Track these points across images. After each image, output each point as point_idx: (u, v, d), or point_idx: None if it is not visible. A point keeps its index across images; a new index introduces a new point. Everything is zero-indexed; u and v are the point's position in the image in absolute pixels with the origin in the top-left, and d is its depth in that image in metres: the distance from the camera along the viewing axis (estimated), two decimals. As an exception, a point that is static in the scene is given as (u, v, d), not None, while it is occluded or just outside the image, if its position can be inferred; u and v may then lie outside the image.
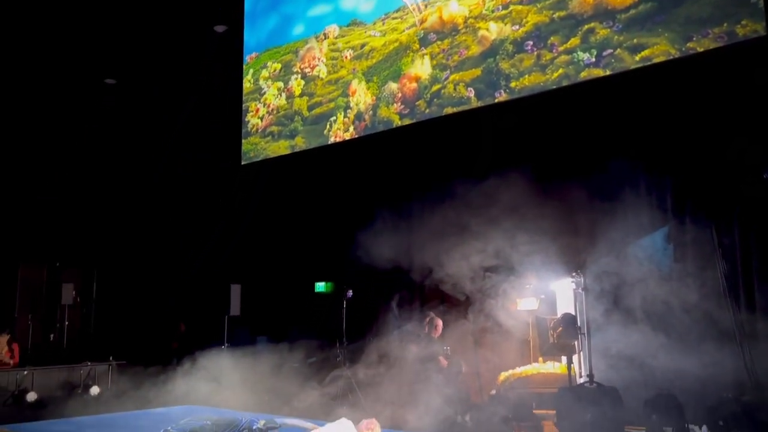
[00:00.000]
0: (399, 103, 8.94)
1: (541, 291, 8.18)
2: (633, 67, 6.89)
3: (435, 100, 8.55)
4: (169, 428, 5.21)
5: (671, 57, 6.61)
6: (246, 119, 11.21)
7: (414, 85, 8.83)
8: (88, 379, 8.80)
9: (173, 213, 12.34)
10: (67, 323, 11.67)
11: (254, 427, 5.74)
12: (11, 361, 8.94)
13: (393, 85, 9.09)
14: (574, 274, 7.73)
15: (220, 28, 11.58)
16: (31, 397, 8.00)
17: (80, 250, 12.20)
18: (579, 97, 8.17)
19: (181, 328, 12.16)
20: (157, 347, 11.48)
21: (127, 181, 12.45)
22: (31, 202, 12.28)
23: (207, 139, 12.41)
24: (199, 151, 12.71)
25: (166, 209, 12.36)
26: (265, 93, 10.93)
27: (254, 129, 11.03)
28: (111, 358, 9.55)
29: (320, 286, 11.45)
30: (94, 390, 8.63)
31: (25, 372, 8.42)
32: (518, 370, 8.06)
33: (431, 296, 9.89)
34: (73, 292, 11.64)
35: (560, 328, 7.15)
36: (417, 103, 8.74)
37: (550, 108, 8.46)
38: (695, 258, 7.44)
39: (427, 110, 8.61)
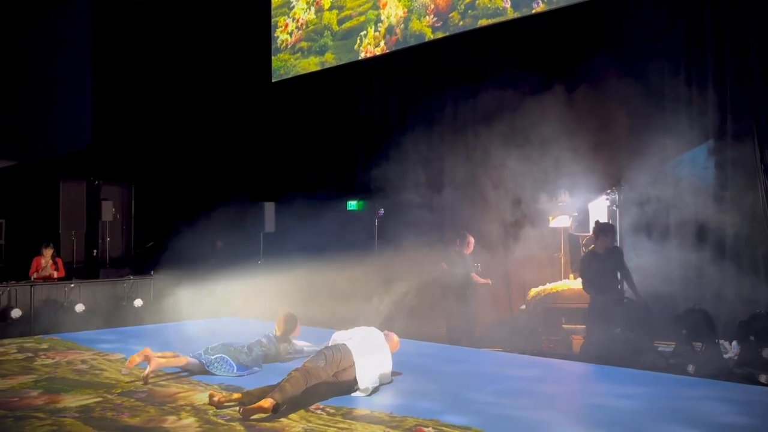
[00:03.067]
0: (432, 16, 8.64)
1: (574, 209, 8.10)
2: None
3: (469, 11, 8.24)
4: (200, 353, 5.46)
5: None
6: (275, 35, 11.00)
7: (447, -5, 8.50)
8: (131, 292, 9.15)
9: (208, 131, 12.39)
10: (108, 239, 12.06)
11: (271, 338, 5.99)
12: (56, 273, 9.35)
13: (425, -4, 8.76)
14: (608, 191, 7.61)
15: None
16: (79, 308, 8.39)
17: (118, 167, 12.42)
18: (618, 5, 7.80)
19: (218, 245, 12.47)
20: (194, 262, 11.85)
21: (162, 98, 12.45)
22: (69, 118, 12.45)
23: (238, 56, 12.25)
24: (230, 68, 12.58)
25: (201, 127, 12.40)
26: (293, 7, 10.65)
27: (283, 45, 10.84)
28: (152, 273, 9.88)
29: (352, 205, 11.52)
30: (137, 302, 9.00)
31: (72, 285, 8.80)
32: (548, 285, 8.12)
33: (464, 212, 9.90)
34: (113, 209, 11.95)
35: (592, 245, 7.11)
36: (450, 15, 8.43)
37: (588, 17, 8.10)
38: (736, 176, 7.24)
39: (461, 23, 8.31)
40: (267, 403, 4.02)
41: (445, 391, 4.82)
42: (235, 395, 4.35)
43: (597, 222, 7.04)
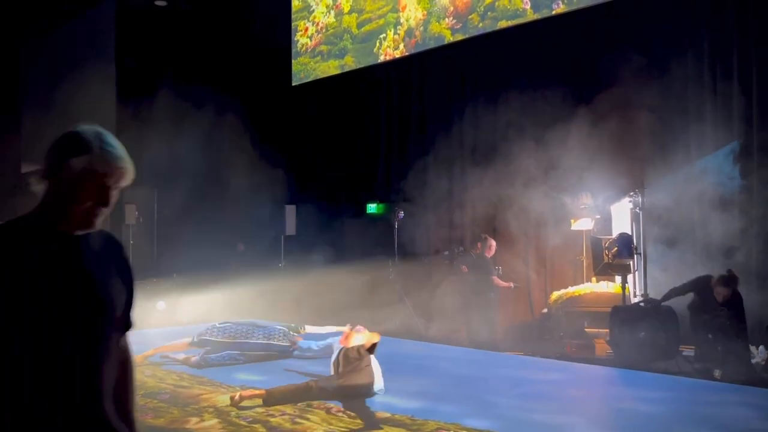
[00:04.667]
0: (451, 18, 8.63)
1: (597, 211, 8.02)
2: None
3: (489, 13, 8.21)
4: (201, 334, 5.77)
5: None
6: (295, 39, 11.07)
7: (467, -3, 8.47)
8: (153, 295, 9.25)
9: (229, 135, 12.49)
10: (132, 242, 12.20)
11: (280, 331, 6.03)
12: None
13: (445, -1, 8.75)
14: (631, 193, 7.53)
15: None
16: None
17: (141, 170, 12.58)
18: (639, 5, 7.72)
19: (240, 248, 12.56)
20: (216, 265, 11.94)
21: (183, 102, 12.58)
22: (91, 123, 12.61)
23: (259, 60, 12.33)
24: (252, 72, 12.67)
25: (222, 131, 12.50)
26: (313, 11, 10.71)
27: (303, 49, 10.90)
28: (174, 275, 9.99)
29: (372, 208, 11.53)
30: (161, 305, 9.08)
31: (96, 287, 8.93)
32: (571, 289, 8.04)
33: (485, 215, 9.86)
34: (136, 212, 12.09)
35: (615, 248, 7.03)
36: (470, 17, 8.41)
37: (609, 18, 8.04)
38: (763, 178, 7.11)
39: (481, 24, 8.29)
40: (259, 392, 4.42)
41: (466, 395, 4.80)
42: (257, 392, 4.40)
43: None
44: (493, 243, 8.08)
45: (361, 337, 4.70)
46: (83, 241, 1.58)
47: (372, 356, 4.67)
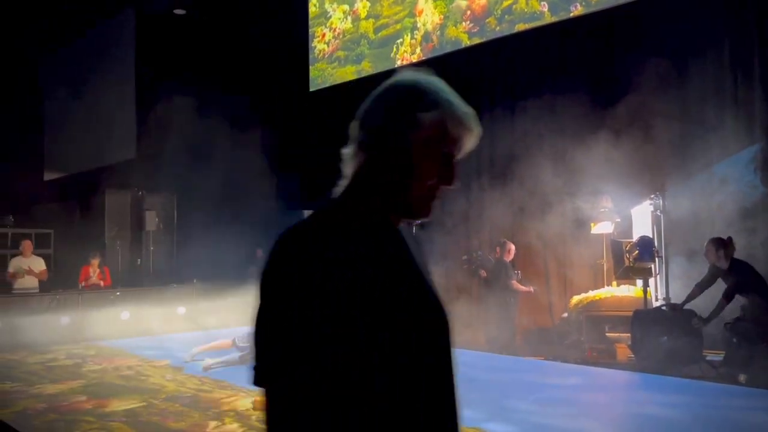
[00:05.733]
0: (468, 22, 8.63)
1: (617, 214, 7.96)
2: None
3: (506, 16, 8.19)
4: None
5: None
6: (312, 45, 11.13)
7: (484, 1, 8.46)
8: (174, 300, 9.32)
9: (248, 141, 12.58)
10: (152, 248, 12.32)
11: None
12: (101, 283, 9.59)
13: (461, 2, 8.74)
14: (652, 196, 7.45)
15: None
16: (125, 316, 8.59)
17: (161, 177, 12.72)
18: (657, 6, 7.65)
19: (258, 254, 12.63)
20: (235, 270, 12.02)
21: (202, 110, 12.71)
22: (111, 130, 12.81)
23: (277, 67, 12.42)
24: (268, 78, 12.76)
25: (240, 137, 12.61)
26: (330, 17, 10.76)
27: (321, 54, 10.96)
28: (194, 281, 10.07)
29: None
30: (181, 310, 9.17)
31: (118, 293, 9.02)
32: (591, 293, 7.97)
33: (504, 219, 9.81)
34: (156, 219, 12.22)
35: (636, 251, 6.96)
36: (487, 20, 8.40)
37: (627, 19, 7.98)
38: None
39: (498, 28, 8.27)
40: None
41: (486, 400, 4.77)
42: None
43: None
44: (512, 247, 8.04)
45: None
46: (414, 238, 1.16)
47: None
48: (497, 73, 10.08)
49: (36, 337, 7.70)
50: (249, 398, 4.72)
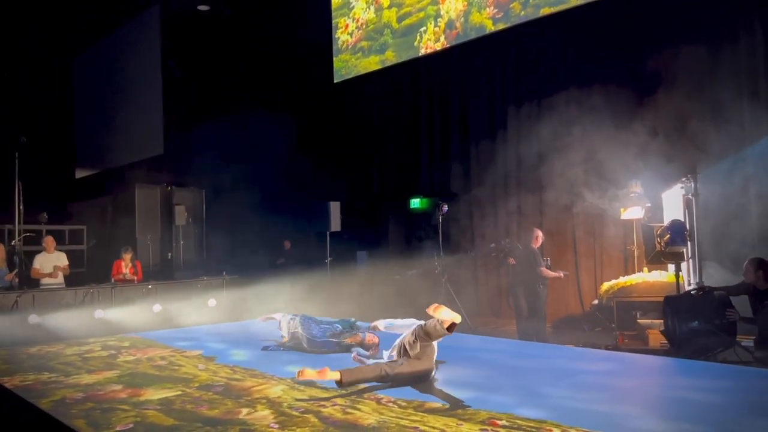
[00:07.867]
0: (492, 7, 8.54)
1: (648, 199, 7.83)
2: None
3: (531, 0, 8.09)
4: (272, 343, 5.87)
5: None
6: (336, 36, 11.13)
7: (508, -14, 8.36)
8: (204, 293, 9.44)
9: (274, 134, 12.66)
10: (182, 242, 12.49)
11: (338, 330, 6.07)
12: (135, 278, 9.75)
13: (485, -12, 8.65)
14: (683, 179, 7.32)
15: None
16: (157, 308, 8.73)
17: (189, 172, 12.88)
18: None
19: (287, 245, 12.72)
20: (264, 262, 12.14)
21: (229, 104, 12.81)
22: (140, 127, 13.00)
23: (301, 59, 12.47)
24: (293, 71, 12.82)
25: (266, 130, 12.69)
26: (353, 7, 10.75)
27: (344, 45, 10.95)
28: (224, 274, 10.17)
29: (415, 203, 11.52)
30: (211, 302, 9.28)
31: (150, 286, 9.17)
32: (621, 279, 7.88)
33: (531, 206, 9.74)
34: (185, 214, 12.38)
35: (668, 236, 6.84)
36: (511, 5, 8.30)
37: (658, 3, 7.83)
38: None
39: (522, 13, 8.17)
40: (333, 375, 4.43)
41: (518, 386, 4.74)
42: (331, 373, 4.45)
43: None
44: (540, 234, 7.97)
45: (448, 312, 4.65)
46: None
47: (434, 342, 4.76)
48: (522, 59, 9.97)
49: (72, 329, 7.88)
50: (280, 386, 4.77)
